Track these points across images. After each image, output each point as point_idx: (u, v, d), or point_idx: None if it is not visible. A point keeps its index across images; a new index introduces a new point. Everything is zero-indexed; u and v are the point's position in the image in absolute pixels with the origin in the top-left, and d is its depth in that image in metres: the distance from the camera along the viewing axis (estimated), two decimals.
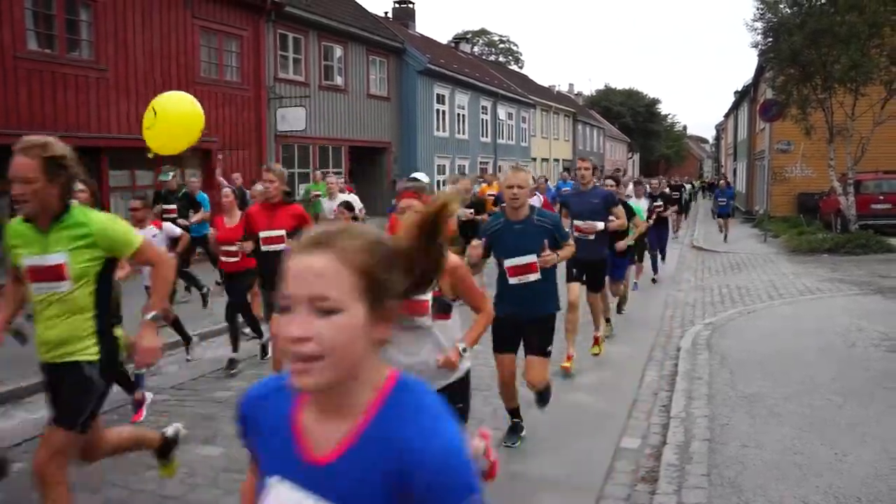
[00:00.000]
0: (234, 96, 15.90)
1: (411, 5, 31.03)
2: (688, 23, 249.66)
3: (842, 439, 4.52)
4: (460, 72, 28.06)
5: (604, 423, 5.24)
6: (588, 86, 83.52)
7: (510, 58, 59.53)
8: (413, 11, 30.99)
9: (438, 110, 26.03)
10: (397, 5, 30.93)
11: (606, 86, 70.02)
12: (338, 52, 20.30)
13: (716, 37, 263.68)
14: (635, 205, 9.16)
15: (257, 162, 16.48)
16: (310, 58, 18.96)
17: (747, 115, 34.25)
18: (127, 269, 5.32)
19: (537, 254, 4.48)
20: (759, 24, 17.39)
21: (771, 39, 17.39)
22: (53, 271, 3.03)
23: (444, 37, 66.86)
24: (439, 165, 25.73)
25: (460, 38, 40.47)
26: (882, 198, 18.72)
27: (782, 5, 17.11)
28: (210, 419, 5.39)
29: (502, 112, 32.70)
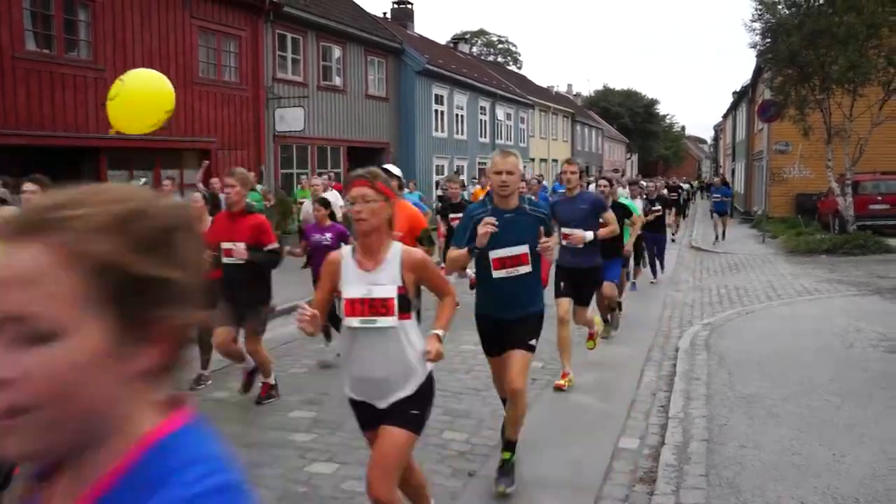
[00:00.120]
0: (233, 96, 15.89)
1: (410, 6, 31.05)
2: (686, 23, 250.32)
3: (840, 440, 4.53)
4: (459, 72, 28.07)
5: (602, 423, 5.24)
6: (586, 86, 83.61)
7: (509, 58, 59.61)
8: (411, 12, 31.02)
9: (437, 111, 26.04)
10: (396, 6, 30.94)
11: (605, 86, 70.12)
12: (336, 52, 20.30)
13: (714, 37, 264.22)
14: (629, 202, 8.97)
15: (256, 162, 16.50)
16: (308, 58, 18.96)
17: (746, 116, 34.29)
18: None
19: (530, 245, 4.05)
20: (758, 25, 17.44)
21: (769, 40, 17.43)
22: None
23: (442, 37, 66.97)
24: (438, 166, 25.74)
25: (459, 39, 40.47)
26: (880, 198, 18.75)
27: (780, 6, 17.15)
28: (208, 420, 5.38)
29: (501, 112, 32.71)
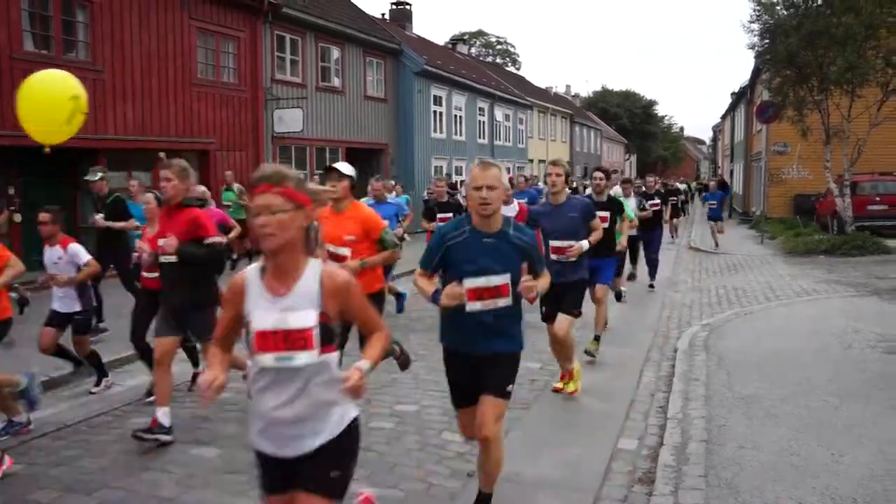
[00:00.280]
0: (231, 98, 15.88)
1: (408, 7, 31.07)
2: (685, 24, 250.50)
3: (838, 440, 4.53)
4: (457, 73, 28.09)
5: (601, 424, 5.24)
6: (585, 87, 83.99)
7: (507, 59, 59.68)
8: (410, 13, 31.04)
9: (435, 112, 26.05)
10: (394, 6, 30.96)
11: (603, 87, 70.17)
12: (335, 53, 20.30)
13: (712, 38, 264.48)
14: (622, 200, 8.39)
15: (254, 163, 16.48)
16: (307, 59, 18.96)
17: (744, 117, 34.33)
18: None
19: (512, 277, 3.44)
20: (756, 26, 17.46)
21: (767, 41, 17.45)
22: None
23: (441, 38, 67.09)
24: (436, 167, 25.73)
25: (457, 40, 40.48)
26: (878, 199, 18.78)
27: (779, 7, 17.18)
28: (207, 420, 5.38)
29: (499, 113, 32.71)
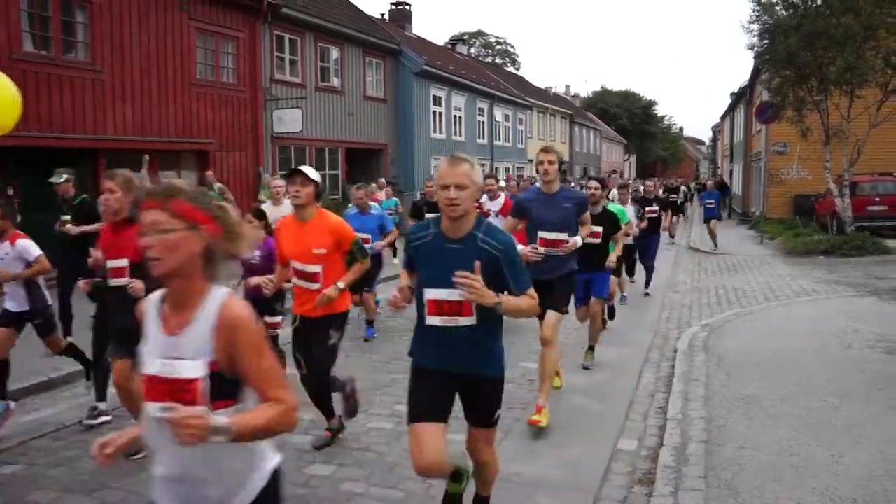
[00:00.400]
0: (231, 98, 15.87)
1: (408, 7, 31.06)
2: (685, 24, 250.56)
3: (838, 441, 4.53)
4: (457, 73, 28.07)
5: (600, 424, 5.24)
6: (584, 87, 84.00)
7: (507, 59, 59.65)
8: (409, 13, 31.02)
9: (435, 112, 26.04)
10: (394, 7, 30.94)
11: (603, 87, 70.21)
12: (334, 53, 20.30)
13: (712, 39, 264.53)
14: (618, 207, 7.96)
15: (254, 164, 16.49)
16: (306, 59, 18.95)
17: (743, 117, 34.34)
18: None
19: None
20: (755, 26, 17.48)
21: (767, 41, 17.46)
22: None
23: (440, 38, 67.13)
24: (436, 167, 25.66)
25: (457, 40, 40.45)
26: (878, 199, 18.79)
27: (778, 7, 17.19)
28: None
29: (499, 114, 32.71)
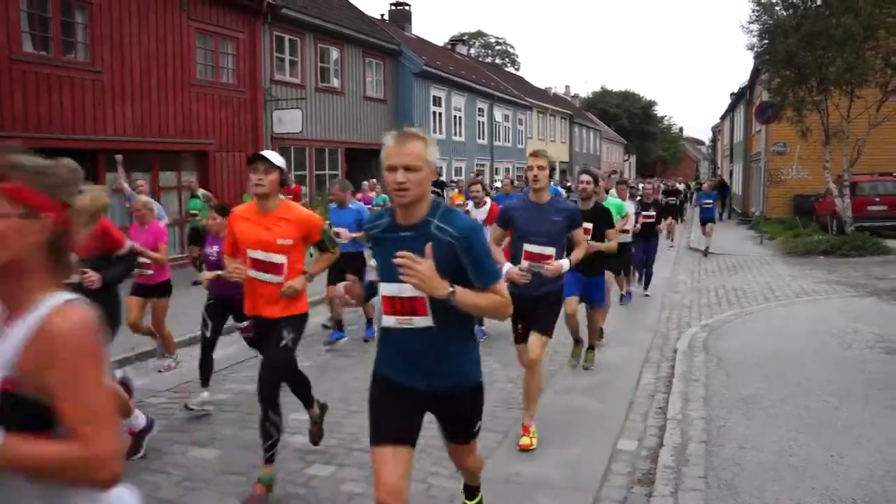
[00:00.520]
0: (231, 98, 15.87)
1: (407, 7, 31.09)
2: (684, 24, 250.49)
3: (837, 441, 4.53)
4: (457, 74, 28.10)
5: (600, 425, 5.24)
6: (584, 88, 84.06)
7: (506, 60, 59.69)
8: (409, 13, 31.05)
9: (435, 112, 26.05)
10: (393, 7, 30.97)
11: (603, 88, 70.22)
12: (334, 54, 20.30)
13: (712, 39, 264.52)
14: (616, 200, 7.94)
15: None
16: (306, 60, 18.96)
17: (743, 117, 34.35)
18: None
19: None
20: (755, 27, 17.48)
21: (767, 42, 17.47)
22: None
23: (440, 39, 67.11)
24: (437, 168, 25.71)
25: (457, 40, 40.50)
26: (878, 200, 18.79)
27: (778, 7, 17.20)
28: (206, 421, 5.38)
29: (499, 114, 32.72)
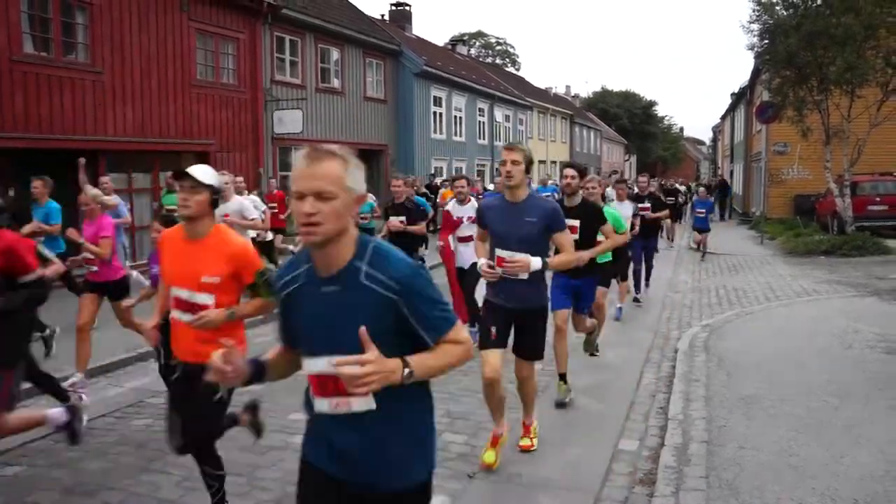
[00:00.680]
0: (231, 99, 15.87)
1: (408, 7, 31.07)
2: (684, 24, 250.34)
3: (838, 441, 4.53)
4: (457, 74, 28.09)
5: (601, 425, 5.24)
6: (585, 88, 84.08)
7: (507, 60, 59.66)
8: (409, 14, 31.03)
9: (435, 112, 26.05)
10: (394, 7, 30.96)
11: (603, 88, 70.12)
12: (334, 54, 20.31)
13: (712, 39, 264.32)
14: (614, 211, 7.27)
15: (254, 165, 16.49)
16: (306, 60, 18.96)
17: (744, 117, 34.34)
18: None
19: (381, 348, 1.82)
20: (756, 26, 17.48)
21: (767, 41, 17.46)
22: None
23: (440, 39, 67.10)
24: (436, 167, 25.74)
25: (457, 41, 40.47)
26: (878, 199, 18.78)
27: (778, 7, 17.20)
28: None
29: (499, 114, 32.72)
